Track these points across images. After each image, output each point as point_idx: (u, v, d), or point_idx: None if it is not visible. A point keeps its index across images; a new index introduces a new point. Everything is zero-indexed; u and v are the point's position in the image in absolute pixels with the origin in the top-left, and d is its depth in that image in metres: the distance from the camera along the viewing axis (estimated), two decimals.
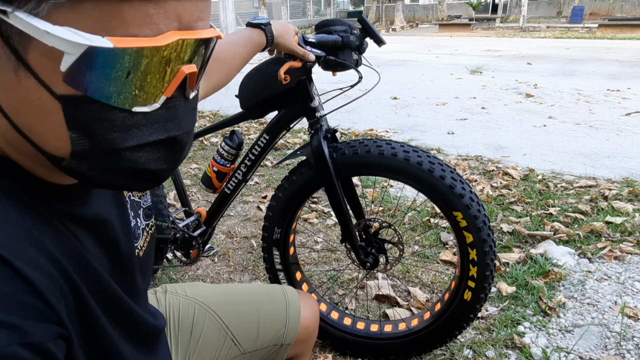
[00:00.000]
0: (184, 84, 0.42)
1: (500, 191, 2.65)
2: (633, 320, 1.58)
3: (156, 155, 0.42)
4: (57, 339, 0.39)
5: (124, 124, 0.39)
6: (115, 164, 0.40)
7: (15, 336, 0.35)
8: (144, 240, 0.65)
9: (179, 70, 0.40)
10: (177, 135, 0.43)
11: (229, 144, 1.43)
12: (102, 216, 0.52)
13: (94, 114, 0.38)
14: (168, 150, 0.43)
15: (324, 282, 1.87)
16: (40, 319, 0.38)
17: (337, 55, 1.21)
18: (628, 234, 2.13)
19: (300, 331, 0.91)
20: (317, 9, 26.27)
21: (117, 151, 0.40)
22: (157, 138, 0.41)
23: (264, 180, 2.94)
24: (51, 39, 0.34)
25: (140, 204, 0.66)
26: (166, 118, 0.41)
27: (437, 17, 24.12)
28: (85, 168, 0.40)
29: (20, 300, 0.36)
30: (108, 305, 0.50)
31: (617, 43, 11.55)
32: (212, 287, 0.93)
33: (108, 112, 0.38)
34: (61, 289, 0.42)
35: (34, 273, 0.38)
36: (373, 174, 1.28)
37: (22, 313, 0.36)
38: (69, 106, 0.37)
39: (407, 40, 14.00)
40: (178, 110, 0.42)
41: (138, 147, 0.40)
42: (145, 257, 0.65)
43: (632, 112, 4.41)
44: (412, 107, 4.94)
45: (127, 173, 0.42)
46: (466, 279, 1.26)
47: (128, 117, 0.39)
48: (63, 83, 0.36)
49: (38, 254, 0.40)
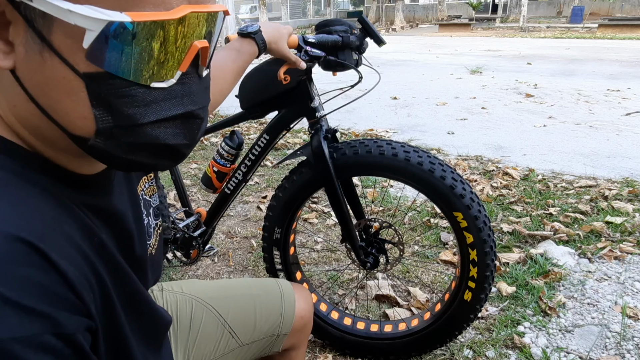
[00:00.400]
0: (197, 60, 0.44)
1: (500, 191, 2.65)
2: (633, 320, 1.58)
3: (175, 131, 0.44)
4: (85, 331, 0.41)
5: (144, 100, 0.41)
6: (137, 140, 0.42)
7: (48, 325, 0.36)
8: (155, 239, 0.66)
9: (192, 44, 0.42)
10: (193, 110, 0.45)
11: (229, 144, 1.43)
12: (120, 210, 0.54)
13: (116, 91, 0.40)
14: (186, 125, 0.45)
15: (324, 282, 1.87)
16: (72, 310, 0.39)
17: (337, 55, 1.21)
18: (628, 234, 2.13)
19: (295, 321, 0.93)
20: (317, 9, 26.27)
21: (139, 126, 0.41)
22: (175, 113, 0.43)
23: (264, 180, 2.94)
24: (74, 17, 0.36)
25: (150, 202, 0.67)
26: (182, 93, 0.44)
27: (437, 17, 24.12)
28: (110, 146, 0.42)
29: (55, 291, 0.38)
30: (126, 296, 0.51)
31: (617, 43, 11.55)
32: (208, 283, 0.95)
33: (128, 88, 0.40)
34: (89, 281, 0.43)
35: (68, 265, 0.39)
36: (373, 174, 1.28)
37: (56, 304, 0.37)
38: (92, 84, 0.39)
39: (407, 40, 14.00)
40: (193, 86, 0.45)
41: (158, 122, 0.42)
42: (157, 255, 0.66)
43: (632, 112, 4.41)
44: (412, 107, 4.94)
45: (149, 149, 0.44)
46: (466, 279, 1.26)
47: (147, 92, 0.41)
48: (86, 61, 0.38)
49: (69, 247, 0.42)
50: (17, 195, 0.40)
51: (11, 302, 0.34)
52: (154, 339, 0.61)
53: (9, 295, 0.34)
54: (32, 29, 0.37)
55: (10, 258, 0.36)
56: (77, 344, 0.39)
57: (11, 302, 0.34)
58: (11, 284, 0.35)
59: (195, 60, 0.44)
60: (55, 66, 0.38)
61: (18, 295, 0.35)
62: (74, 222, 0.44)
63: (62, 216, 0.43)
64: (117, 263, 0.49)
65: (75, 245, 0.43)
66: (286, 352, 0.96)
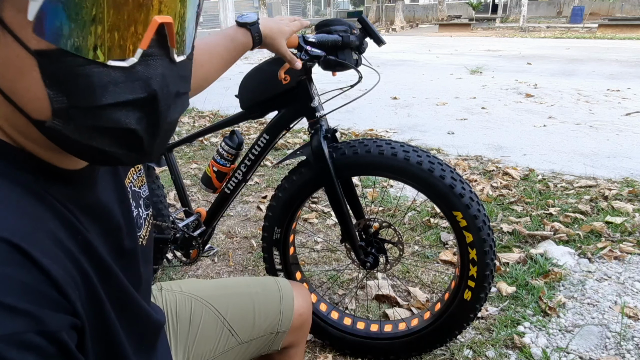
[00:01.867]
0: (164, 40, 0.41)
1: (500, 191, 2.65)
2: (633, 320, 1.58)
3: (138, 115, 0.41)
4: (70, 329, 0.40)
5: (101, 80, 0.38)
6: (96, 123, 0.40)
7: (31, 324, 0.36)
8: (145, 229, 0.66)
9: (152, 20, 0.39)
10: (158, 95, 0.42)
11: (229, 144, 1.43)
12: (106, 204, 0.53)
13: (69, 69, 0.37)
14: (151, 111, 0.42)
15: (324, 282, 1.87)
16: (56, 308, 0.39)
17: (337, 55, 1.21)
18: (628, 234, 2.13)
19: (294, 318, 0.93)
20: (317, 9, 26.26)
21: (97, 109, 0.39)
22: (136, 96, 0.40)
23: (264, 180, 2.94)
24: None
25: (140, 194, 0.67)
26: (146, 75, 0.41)
27: (437, 17, 24.12)
28: (69, 130, 0.40)
29: (38, 289, 0.37)
30: (114, 294, 0.50)
31: (617, 43, 11.54)
32: (207, 282, 0.95)
33: (83, 66, 0.38)
34: (75, 279, 0.43)
35: (51, 264, 0.39)
36: (373, 174, 1.28)
37: (39, 302, 0.37)
38: (44, 61, 0.37)
39: (407, 40, 14.00)
40: (159, 68, 0.42)
41: (118, 105, 0.40)
42: (148, 246, 0.66)
43: (632, 112, 4.41)
44: (412, 107, 4.93)
45: (111, 135, 0.41)
46: (466, 278, 1.26)
47: (104, 72, 0.38)
48: (35, 36, 0.36)
49: (53, 246, 0.41)
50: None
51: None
52: (145, 339, 0.61)
53: None
54: None
55: None
56: (62, 342, 0.39)
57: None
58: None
59: (162, 40, 0.41)
60: (9, 45, 0.37)
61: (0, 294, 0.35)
62: (58, 220, 0.44)
63: (45, 214, 0.42)
64: (103, 262, 0.49)
65: (59, 243, 0.42)
66: (285, 350, 0.96)
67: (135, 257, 0.59)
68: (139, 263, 0.60)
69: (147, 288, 0.65)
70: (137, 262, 0.59)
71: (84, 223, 0.48)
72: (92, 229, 0.49)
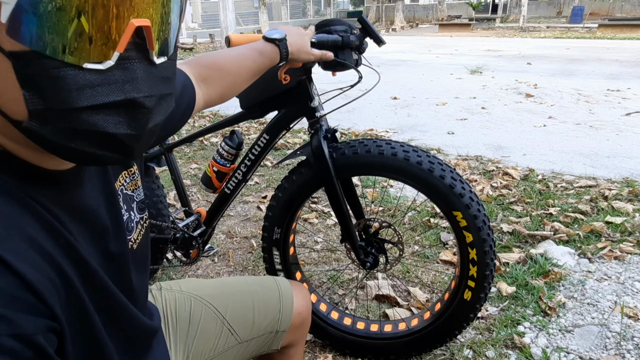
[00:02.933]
0: (143, 44, 0.41)
1: (500, 191, 2.65)
2: (633, 320, 1.58)
3: (116, 119, 0.41)
4: (47, 332, 0.40)
5: (76, 82, 0.38)
6: (74, 126, 0.40)
7: (5, 327, 0.36)
8: (137, 233, 0.65)
9: (129, 23, 0.39)
10: (137, 98, 0.41)
11: (229, 144, 1.43)
12: (92, 206, 0.52)
13: (44, 71, 0.37)
14: (130, 115, 0.42)
15: (324, 282, 1.87)
16: (31, 312, 0.38)
17: (337, 55, 1.21)
18: (628, 234, 2.13)
19: (294, 317, 0.93)
20: (317, 9, 26.26)
21: (73, 111, 0.39)
22: (113, 99, 0.40)
23: (264, 180, 2.94)
24: None
25: (133, 197, 0.66)
26: (124, 79, 0.40)
27: (437, 17, 24.11)
28: (46, 131, 0.40)
29: (11, 293, 0.37)
30: (99, 298, 0.50)
31: (617, 43, 11.54)
32: (206, 281, 0.95)
33: (58, 68, 0.37)
34: (54, 282, 0.42)
35: (26, 267, 0.39)
36: (373, 174, 1.28)
37: (12, 306, 0.37)
38: (18, 63, 0.37)
39: (407, 40, 14.00)
40: (137, 72, 0.41)
41: (95, 109, 0.39)
42: (140, 250, 0.65)
43: (632, 112, 4.41)
44: (412, 107, 4.93)
45: (89, 137, 0.41)
46: (466, 278, 1.26)
47: (80, 74, 0.38)
48: (9, 38, 0.36)
49: (30, 249, 0.41)
50: None
51: None
52: (135, 343, 0.60)
53: None
54: None
55: None
56: (38, 345, 0.38)
57: None
58: None
59: (141, 44, 0.41)
60: None
61: None
62: (38, 223, 0.43)
63: (22, 217, 0.42)
64: (86, 265, 0.48)
65: (37, 246, 0.42)
66: (285, 350, 0.96)
67: (125, 261, 0.58)
68: (129, 267, 0.59)
69: (140, 293, 0.64)
70: (127, 266, 0.58)
71: (67, 225, 0.47)
72: (78, 231, 0.49)
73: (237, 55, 0.91)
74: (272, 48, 0.95)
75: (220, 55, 0.90)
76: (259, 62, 0.94)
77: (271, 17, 20.03)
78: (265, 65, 0.95)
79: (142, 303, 0.66)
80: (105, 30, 0.38)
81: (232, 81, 0.90)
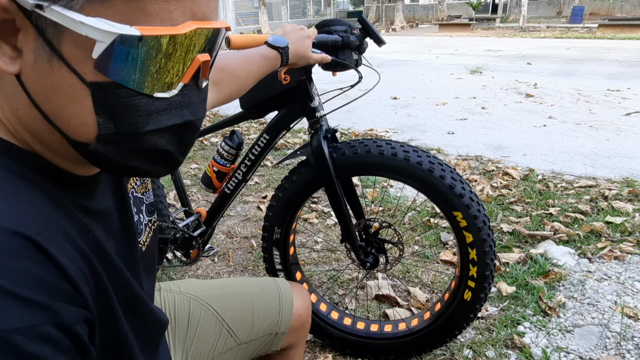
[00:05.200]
0: (198, 72, 0.46)
1: (500, 191, 2.65)
2: (633, 320, 1.58)
3: (171, 137, 0.46)
4: (83, 322, 0.42)
5: (146, 109, 0.43)
6: (136, 146, 0.44)
7: (48, 316, 0.37)
8: (146, 235, 0.66)
9: (194, 58, 0.44)
10: (192, 120, 0.47)
11: (229, 144, 1.43)
12: (105, 209, 0.54)
13: (120, 100, 0.41)
14: (183, 134, 0.47)
15: (324, 282, 1.87)
16: (71, 302, 0.40)
17: (337, 55, 1.21)
18: (628, 234, 2.13)
19: (294, 319, 0.93)
20: (317, 9, 26.26)
21: (140, 134, 0.43)
22: (175, 122, 0.45)
23: (264, 180, 2.94)
24: (85, 28, 0.37)
25: (143, 200, 0.68)
26: (182, 104, 0.45)
27: (437, 17, 24.11)
28: (109, 151, 0.44)
29: (53, 283, 0.39)
30: (122, 292, 0.52)
31: (617, 43, 11.54)
32: (206, 282, 0.95)
33: (132, 97, 0.42)
34: (86, 274, 0.44)
35: (64, 259, 0.40)
36: (373, 174, 1.28)
37: (54, 295, 0.38)
38: (98, 92, 0.41)
39: (407, 40, 14.00)
40: (192, 97, 0.46)
41: (158, 131, 0.44)
42: (149, 253, 0.66)
43: (632, 112, 4.41)
44: (412, 107, 4.94)
45: (147, 155, 0.46)
46: (466, 278, 1.26)
47: (150, 102, 0.43)
48: (93, 70, 0.39)
49: (65, 241, 0.43)
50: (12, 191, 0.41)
51: (11, 294, 0.35)
52: (150, 339, 0.61)
53: (9, 287, 0.35)
54: (43, 37, 0.39)
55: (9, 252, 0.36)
56: (76, 335, 0.40)
57: (11, 294, 0.35)
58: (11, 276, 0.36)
59: (197, 73, 0.46)
60: (63, 74, 0.40)
61: (18, 287, 0.36)
62: (69, 219, 0.45)
63: (57, 212, 0.44)
64: (112, 261, 0.50)
65: (70, 240, 0.44)
66: (284, 351, 0.96)
67: (136, 261, 0.60)
68: (140, 269, 0.60)
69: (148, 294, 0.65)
70: (138, 267, 0.60)
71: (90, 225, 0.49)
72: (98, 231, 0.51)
73: (246, 60, 0.97)
74: (275, 55, 1.00)
75: (232, 58, 0.95)
76: (264, 67, 0.99)
77: (271, 17, 20.03)
78: (267, 70, 1.01)
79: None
80: (178, 67, 0.43)
81: (240, 84, 0.97)
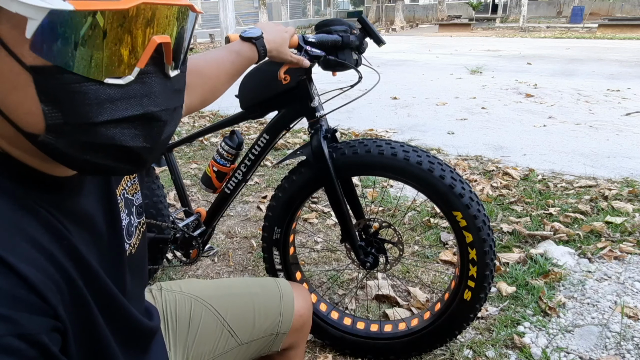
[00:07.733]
0: (160, 58, 0.42)
1: (500, 191, 2.65)
2: (633, 320, 1.58)
3: (133, 132, 0.42)
4: (51, 331, 0.40)
5: (97, 97, 0.39)
6: (90, 140, 0.40)
7: (9, 327, 0.36)
8: (136, 238, 0.65)
9: (150, 39, 0.40)
10: (154, 112, 0.42)
11: (229, 144, 1.43)
12: (89, 211, 0.52)
13: (65, 86, 0.38)
14: (146, 128, 0.43)
15: (324, 282, 1.87)
16: (34, 311, 0.39)
17: (337, 55, 1.21)
18: (628, 234, 2.13)
19: (294, 319, 0.93)
20: (317, 9, 26.26)
21: (92, 125, 0.39)
22: (132, 113, 0.41)
23: (264, 180, 2.94)
24: (14, 5, 0.34)
25: (133, 201, 0.66)
26: (142, 93, 0.41)
27: (437, 17, 24.11)
28: (62, 144, 0.40)
29: (14, 294, 0.37)
30: (101, 299, 0.50)
31: (617, 43, 11.54)
32: (207, 282, 0.95)
33: (79, 83, 0.38)
34: (57, 282, 0.43)
35: (28, 268, 0.39)
36: (373, 174, 1.28)
37: (15, 306, 0.37)
38: (39, 77, 0.37)
39: (407, 40, 14.00)
40: (155, 86, 0.42)
41: (113, 122, 0.40)
42: (137, 255, 0.65)
43: (632, 112, 4.41)
44: (412, 107, 4.93)
45: (105, 150, 0.41)
46: (466, 278, 1.26)
47: (101, 89, 0.39)
48: (31, 53, 0.36)
49: (32, 250, 0.41)
50: None
51: None
52: (135, 344, 0.60)
53: None
54: None
55: None
56: (42, 345, 0.39)
57: None
58: None
59: (158, 58, 0.42)
60: (3, 59, 0.37)
61: None
62: (40, 225, 0.43)
63: (25, 218, 0.42)
64: (90, 267, 0.49)
65: (39, 247, 0.42)
66: (285, 352, 0.96)
67: (121, 265, 0.58)
68: (125, 271, 0.59)
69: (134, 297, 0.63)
70: (123, 270, 0.59)
71: (69, 229, 0.48)
72: (77, 234, 0.49)
73: (215, 59, 0.90)
74: (249, 47, 0.93)
75: (200, 59, 0.88)
76: (237, 63, 0.93)
77: (271, 17, 20.03)
78: (243, 65, 0.94)
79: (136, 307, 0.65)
80: (128, 47, 0.39)
81: (212, 85, 0.89)
